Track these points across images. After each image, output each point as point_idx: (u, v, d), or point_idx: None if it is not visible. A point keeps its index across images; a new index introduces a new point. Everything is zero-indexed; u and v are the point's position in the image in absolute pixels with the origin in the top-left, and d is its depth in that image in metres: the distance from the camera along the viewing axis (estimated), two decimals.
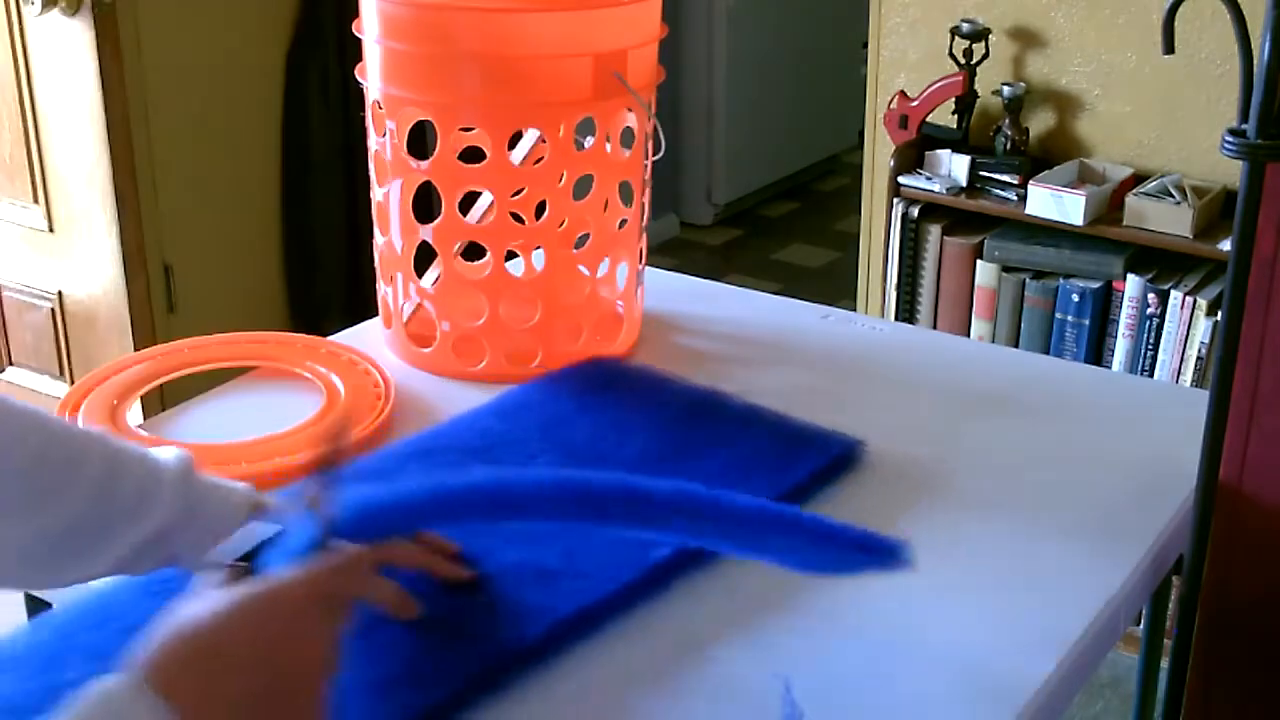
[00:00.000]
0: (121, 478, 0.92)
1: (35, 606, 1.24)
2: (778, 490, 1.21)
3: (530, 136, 1.54)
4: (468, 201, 1.49)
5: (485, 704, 0.97)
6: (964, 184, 2.41)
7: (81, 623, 1.01)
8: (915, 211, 2.45)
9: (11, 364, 2.94)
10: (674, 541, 1.09)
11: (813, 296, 1.88)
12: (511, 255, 1.52)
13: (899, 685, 1.03)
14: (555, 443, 1.30)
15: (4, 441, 0.87)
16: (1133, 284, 2.27)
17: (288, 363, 1.51)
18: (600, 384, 1.43)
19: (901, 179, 2.45)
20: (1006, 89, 2.38)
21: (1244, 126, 1.08)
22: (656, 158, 1.56)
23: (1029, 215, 2.33)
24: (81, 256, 2.73)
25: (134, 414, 1.42)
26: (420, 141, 1.49)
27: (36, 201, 2.74)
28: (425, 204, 1.49)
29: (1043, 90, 2.44)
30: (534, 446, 1.29)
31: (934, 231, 2.45)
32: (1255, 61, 1.06)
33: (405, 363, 1.54)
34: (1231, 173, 2.25)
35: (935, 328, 2.46)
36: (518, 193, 1.47)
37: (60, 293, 2.79)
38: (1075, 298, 2.31)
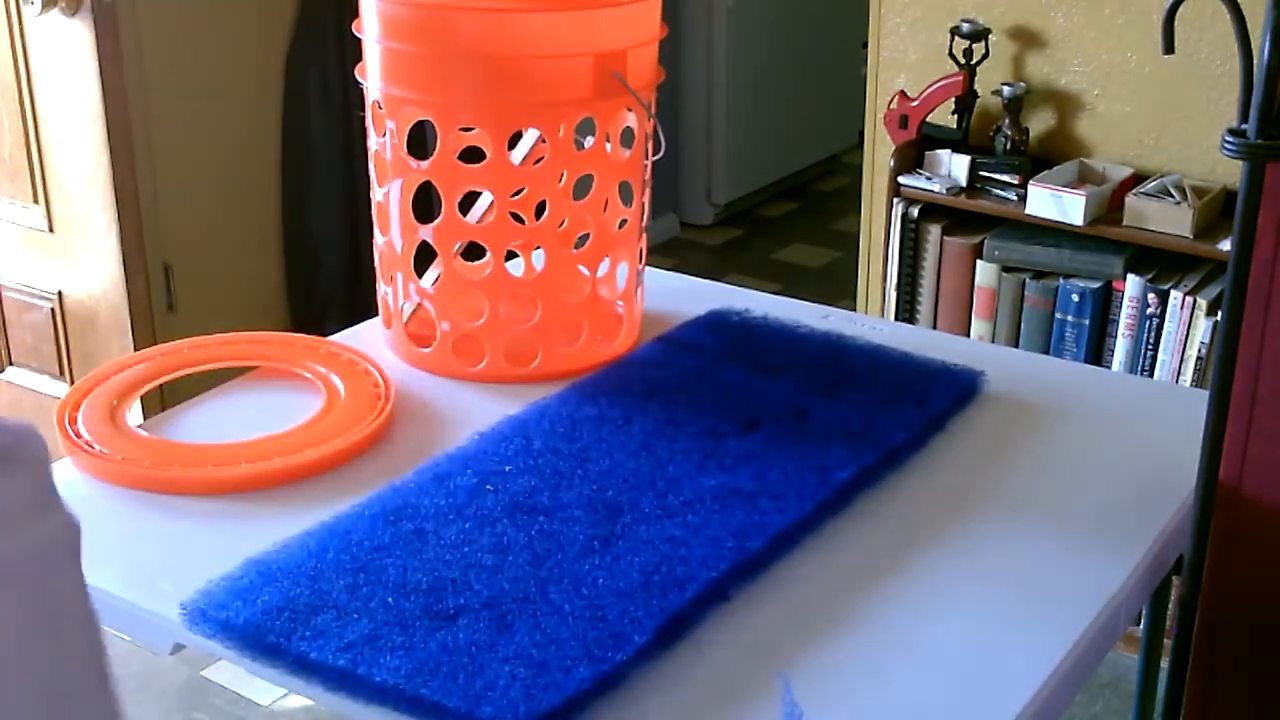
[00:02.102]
0: None
1: None
2: (923, 419, 1.38)
3: (530, 136, 1.54)
4: (468, 201, 1.49)
5: (715, 612, 1.11)
6: (964, 184, 2.41)
7: (332, 544, 1.17)
8: (915, 211, 2.45)
9: (11, 364, 2.94)
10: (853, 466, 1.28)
11: (813, 296, 1.88)
12: (511, 255, 1.52)
13: (899, 685, 1.03)
14: (711, 388, 1.45)
15: None
16: (1133, 284, 2.27)
17: (288, 363, 1.51)
18: (735, 335, 1.58)
19: (901, 179, 2.45)
20: (1006, 89, 2.38)
21: (1244, 126, 1.08)
22: (656, 158, 1.56)
23: (1029, 215, 2.33)
24: (81, 256, 2.73)
25: (134, 414, 1.42)
26: (420, 141, 1.49)
27: (36, 201, 2.74)
28: (425, 204, 1.49)
29: (1043, 90, 2.44)
30: (694, 388, 1.45)
31: (934, 231, 2.45)
32: (1255, 61, 1.06)
33: (405, 363, 1.54)
34: (1231, 173, 2.25)
35: (935, 328, 2.46)
36: (518, 193, 1.47)
37: (60, 293, 2.79)
38: (1075, 298, 2.31)
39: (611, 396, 1.43)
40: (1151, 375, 2.26)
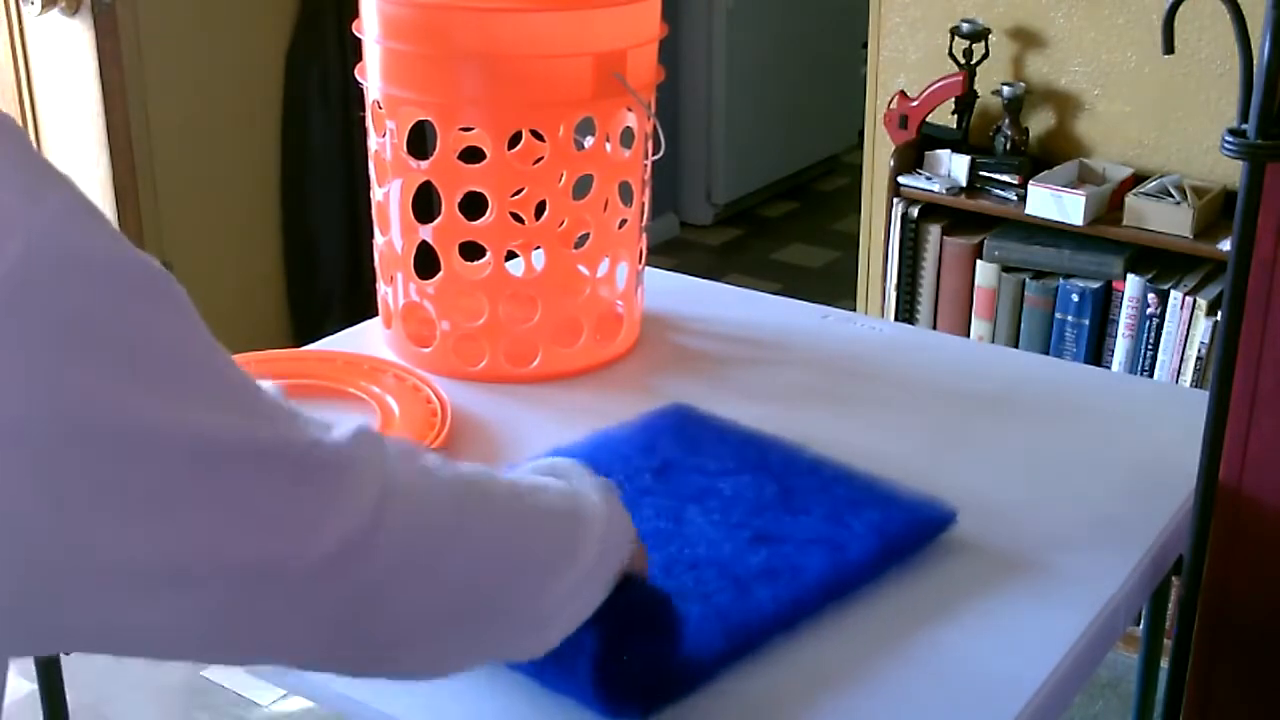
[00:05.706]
0: None
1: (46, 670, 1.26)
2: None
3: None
4: (468, 201, 1.49)
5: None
6: (964, 184, 2.41)
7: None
8: (915, 211, 2.45)
9: None
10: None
11: (813, 296, 1.88)
12: (511, 255, 1.52)
13: (899, 685, 1.03)
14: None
15: None
16: (1132, 284, 2.27)
17: (332, 380, 1.48)
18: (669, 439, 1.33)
19: (901, 179, 2.45)
20: (1006, 89, 2.38)
21: (1244, 126, 1.08)
22: (656, 158, 1.56)
23: (1029, 215, 2.33)
24: None
25: None
26: (420, 141, 1.49)
27: None
28: (425, 204, 1.49)
29: (1043, 90, 2.44)
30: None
31: (934, 231, 2.45)
32: (1255, 61, 1.06)
33: (405, 362, 1.54)
34: (1231, 173, 2.25)
35: (935, 328, 2.46)
36: (518, 193, 1.47)
37: None
38: (1075, 298, 2.31)
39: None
40: (1151, 375, 2.26)
